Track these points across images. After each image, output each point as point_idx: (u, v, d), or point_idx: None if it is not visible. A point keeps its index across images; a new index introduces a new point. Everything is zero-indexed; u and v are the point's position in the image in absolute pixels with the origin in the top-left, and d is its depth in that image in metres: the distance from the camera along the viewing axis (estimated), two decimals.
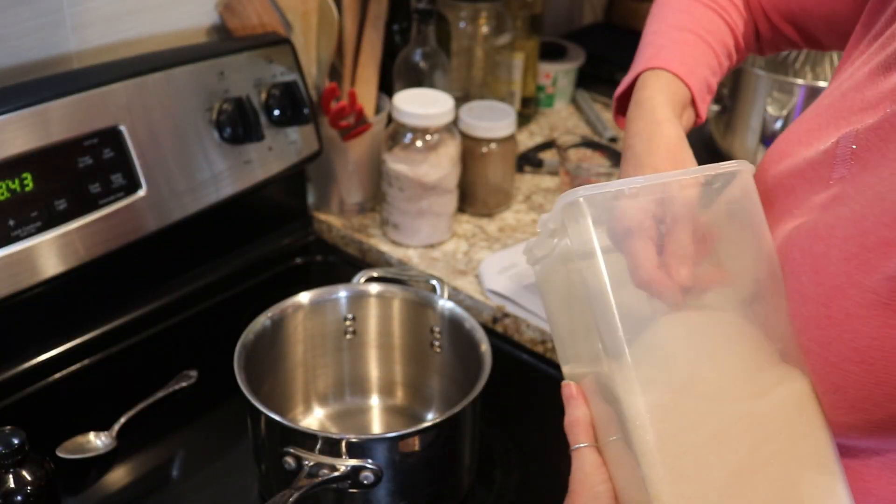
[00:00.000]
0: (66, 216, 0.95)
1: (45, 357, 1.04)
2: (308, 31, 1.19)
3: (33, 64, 1.02)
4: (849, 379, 0.58)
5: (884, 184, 0.59)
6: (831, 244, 0.60)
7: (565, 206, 0.62)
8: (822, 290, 0.60)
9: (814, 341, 0.60)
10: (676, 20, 0.88)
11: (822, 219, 0.63)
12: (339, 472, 0.82)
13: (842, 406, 0.60)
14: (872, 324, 0.57)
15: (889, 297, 0.56)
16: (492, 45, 1.41)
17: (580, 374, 0.68)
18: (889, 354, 0.56)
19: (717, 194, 0.65)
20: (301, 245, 1.29)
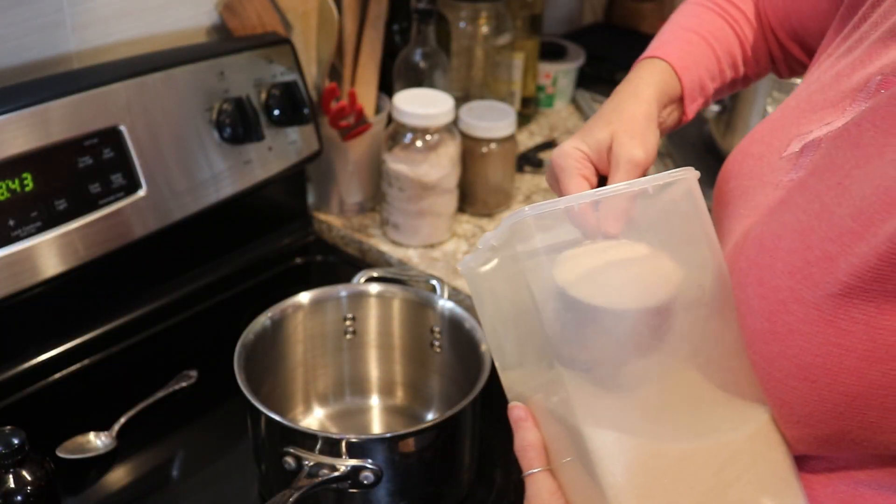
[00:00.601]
0: (66, 216, 0.95)
1: (45, 357, 1.04)
2: (308, 31, 1.19)
3: (33, 64, 1.02)
4: (794, 395, 0.58)
5: (830, 193, 0.58)
6: (776, 256, 0.59)
7: (513, 224, 0.60)
8: (767, 304, 0.59)
9: (759, 356, 0.59)
10: (685, 21, 0.88)
11: (770, 227, 0.62)
12: (339, 472, 0.82)
13: (788, 420, 0.60)
14: (815, 340, 0.56)
15: (832, 314, 0.55)
16: (492, 45, 1.41)
17: (525, 387, 0.66)
18: (832, 372, 0.55)
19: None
20: (301, 245, 1.29)
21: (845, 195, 0.56)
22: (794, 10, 0.85)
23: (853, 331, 0.54)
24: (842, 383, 0.55)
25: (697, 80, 0.84)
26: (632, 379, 0.61)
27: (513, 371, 0.67)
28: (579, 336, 0.60)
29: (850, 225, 0.55)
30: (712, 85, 0.87)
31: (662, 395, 0.61)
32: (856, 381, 0.55)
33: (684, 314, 0.63)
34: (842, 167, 0.58)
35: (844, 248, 0.55)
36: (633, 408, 0.60)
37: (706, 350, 0.62)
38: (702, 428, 0.61)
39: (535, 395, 0.64)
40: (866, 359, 0.54)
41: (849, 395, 0.55)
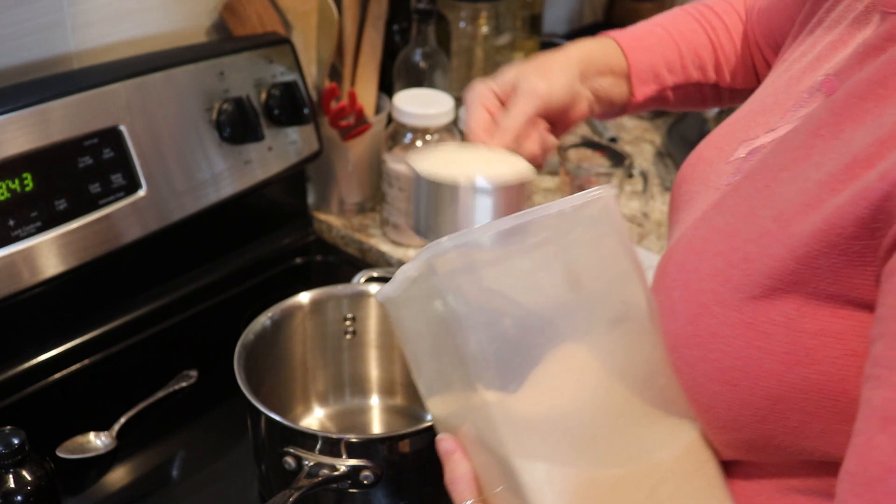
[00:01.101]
0: (66, 216, 0.95)
1: (45, 357, 1.04)
2: (308, 31, 1.19)
3: (33, 64, 1.02)
4: (717, 399, 0.57)
5: (757, 195, 0.58)
6: (703, 258, 0.59)
7: (431, 257, 0.58)
8: (690, 308, 0.58)
9: (682, 360, 0.59)
10: (658, 19, 0.89)
11: (700, 231, 0.61)
12: (339, 472, 0.82)
13: (714, 426, 0.59)
14: (736, 344, 0.55)
15: (752, 317, 0.55)
16: (492, 45, 1.41)
17: (452, 417, 0.65)
18: (753, 376, 0.55)
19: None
20: (301, 245, 1.29)
21: (771, 197, 0.56)
22: (777, 27, 0.85)
23: (772, 333, 0.54)
24: (762, 387, 0.55)
25: (649, 63, 0.84)
26: (560, 403, 0.60)
27: (438, 400, 0.66)
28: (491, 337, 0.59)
29: (770, 227, 0.55)
30: (671, 77, 0.86)
31: (592, 421, 0.60)
32: (776, 385, 0.54)
33: (607, 330, 0.62)
34: (771, 169, 0.58)
35: (763, 250, 0.55)
36: (563, 436, 0.59)
37: (633, 369, 0.61)
38: (633, 451, 0.60)
39: (463, 426, 0.63)
40: (786, 362, 0.54)
41: (770, 398, 0.55)
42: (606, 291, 0.62)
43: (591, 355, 0.61)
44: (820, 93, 0.62)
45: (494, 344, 0.58)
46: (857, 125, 0.54)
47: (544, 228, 0.60)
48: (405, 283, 0.61)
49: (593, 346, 0.61)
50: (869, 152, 0.51)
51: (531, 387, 0.59)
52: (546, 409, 0.59)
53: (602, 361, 0.61)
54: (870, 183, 0.50)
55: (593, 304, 0.62)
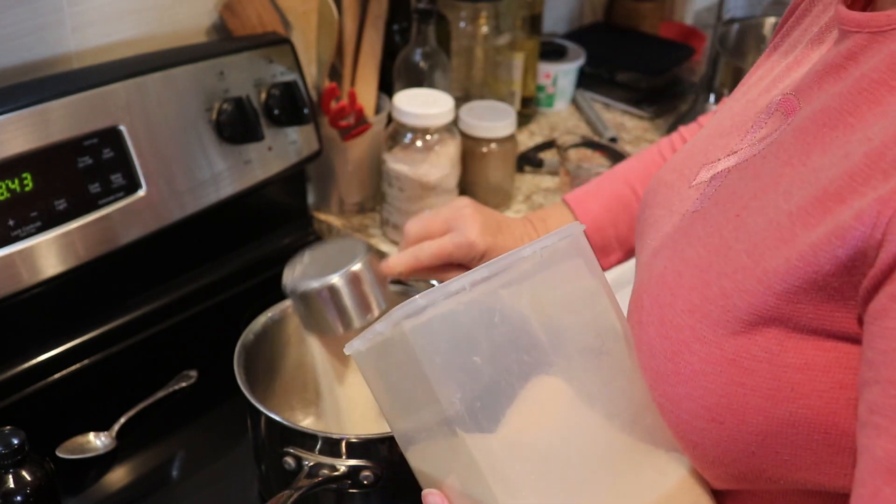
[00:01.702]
0: (66, 216, 0.95)
1: (45, 357, 1.04)
2: (308, 31, 1.19)
3: (33, 64, 1.02)
4: (703, 437, 0.57)
5: (729, 226, 0.57)
6: (677, 294, 0.58)
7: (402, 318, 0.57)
8: (669, 345, 0.57)
9: (665, 398, 0.58)
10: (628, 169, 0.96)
11: (672, 263, 0.60)
12: (339, 473, 0.82)
13: (703, 462, 0.59)
14: (719, 381, 0.55)
15: (734, 354, 0.54)
16: (492, 45, 1.41)
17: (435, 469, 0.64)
18: (739, 412, 0.54)
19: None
20: (301, 245, 1.28)
21: (742, 229, 0.56)
22: None
23: (756, 370, 0.53)
24: (749, 423, 0.54)
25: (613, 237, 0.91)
26: (544, 442, 0.59)
27: (418, 451, 0.65)
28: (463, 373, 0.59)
29: (745, 261, 0.54)
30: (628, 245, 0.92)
31: (579, 461, 0.60)
32: (763, 421, 0.54)
33: (582, 364, 0.61)
34: (741, 198, 0.57)
35: (739, 286, 0.54)
36: (552, 481, 0.58)
37: (617, 404, 0.61)
38: (624, 491, 0.60)
39: (448, 478, 0.62)
40: (771, 398, 0.53)
41: (758, 434, 0.54)
42: (578, 325, 0.62)
43: (568, 391, 0.60)
44: (778, 112, 0.61)
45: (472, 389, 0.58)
46: (824, 152, 0.53)
47: (516, 272, 0.60)
48: (375, 339, 0.61)
49: (570, 380, 0.60)
50: (839, 185, 0.51)
51: (512, 427, 0.58)
52: (529, 450, 0.59)
53: (581, 397, 0.60)
54: (845, 222, 0.49)
55: (565, 338, 0.61)
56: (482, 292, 0.59)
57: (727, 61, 1.34)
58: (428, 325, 0.57)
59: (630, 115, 1.58)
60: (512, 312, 0.60)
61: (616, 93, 1.61)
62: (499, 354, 0.59)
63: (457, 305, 0.58)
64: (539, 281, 0.61)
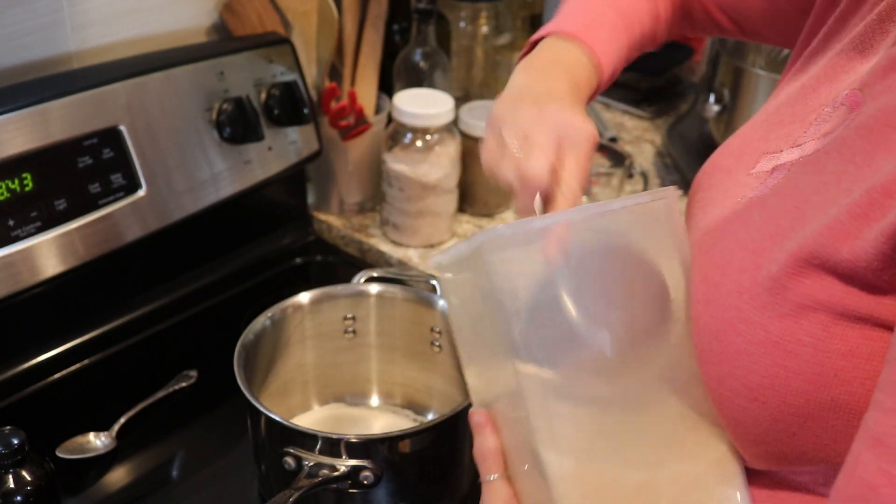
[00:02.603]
0: (66, 216, 0.95)
1: (45, 357, 1.04)
2: (308, 31, 1.19)
3: (33, 64, 1.02)
4: (746, 415, 0.57)
5: (787, 216, 0.57)
6: (727, 273, 0.58)
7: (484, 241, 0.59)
8: (715, 323, 0.58)
9: (709, 376, 0.59)
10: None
11: (723, 244, 0.61)
12: (339, 473, 0.82)
13: (745, 440, 0.59)
14: (763, 362, 0.55)
15: (780, 336, 0.54)
16: (492, 45, 1.41)
17: (487, 392, 0.65)
18: (781, 394, 0.54)
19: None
20: (301, 245, 1.29)
21: (800, 220, 0.56)
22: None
23: (800, 353, 0.54)
24: (791, 405, 0.55)
25: (615, 66, 0.81)
26: (598, 398, 0.60)
27: (476, 371, 0.67)
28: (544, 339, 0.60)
29: (797, 250, 0.54)
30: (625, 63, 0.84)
31: (626, 422, 0.60)
32: (804, 404, 0.54)
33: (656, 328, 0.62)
34: (802, 191, 0.58)
35: (790, 274, 0.54)
36: (595, 434, 0.59)
37: (673, 375, 0.62)
38: (661, 458, 0.60)
39: (498, 402, 0.63)
40: (814, 382, 0.54)
41: (800, 416, 0.55)
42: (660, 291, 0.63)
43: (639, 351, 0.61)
44: (844, 107, 0.61)
45: (534, 320, 0.59)
46: (888, 154, 0.53)
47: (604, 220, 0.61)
48: (458, 255, 0.63)
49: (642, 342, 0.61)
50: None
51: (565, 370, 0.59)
52: (575, 397, 0.59)
53: (650, 359, 0.61)
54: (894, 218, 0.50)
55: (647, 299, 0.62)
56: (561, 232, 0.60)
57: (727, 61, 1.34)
58: (504, 250, 0.59)
59: (630, 115, 1.58)
60: (588, 258, 0.61)
61: (616, 92, 1.61)
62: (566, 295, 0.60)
63: (536, 239, 0.59)
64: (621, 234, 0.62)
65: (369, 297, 1.01)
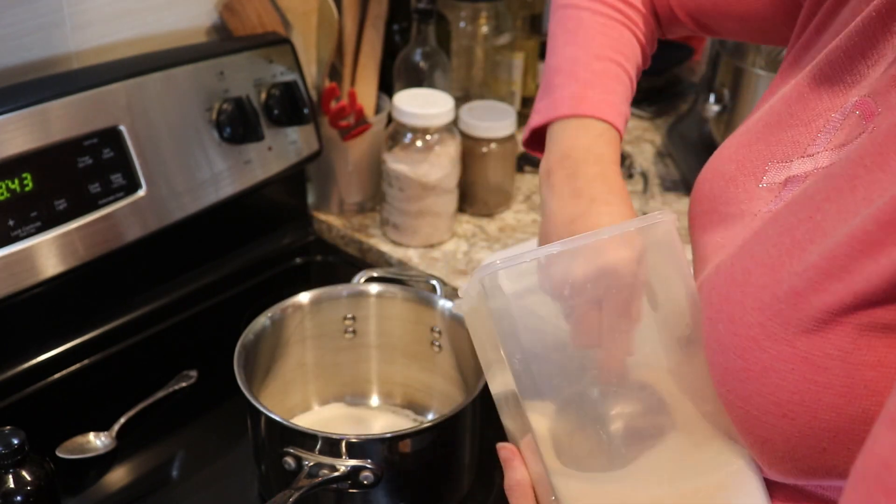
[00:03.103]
0: (66, 216, 0.95)
1: (45, 357, 1.04)
2: (308, 31, 1.19)
3: (33, 64, 1.02)
4: (774, 433, 0.56)
5: (801, 228, 0.56)
6: (747, 292, 0.58)
7: (483, 276, 0.60)
8: (739, 342, 0.57)
9: (734, 394, 0.58)
10: (597, 46, 0.81)
11: (741, 261, 0.60)
12: (339, 473, 0.82)
13: (771, 456, 0.58)
14: (791, 378, 0.54)
15: (807, 351, 0.54)
16: (492, 45, 1.40)
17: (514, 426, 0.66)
18: (812, 409, 0.54)
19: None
20: (301, 245, 1.29)
21: (816, 231, 0.55)
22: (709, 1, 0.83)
23: (829, 367, 0.53)
24: (822, 419, 0.54)
25: (625, 117, 0.81)
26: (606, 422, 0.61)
27: (505, 408, 0.68)
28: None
29: (818, 262, 0.54)
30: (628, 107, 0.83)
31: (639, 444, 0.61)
32: (835, 418, 0.54)
33: (679, 351, 0.63)
34: (813, 199, 0.57)
35: (813, 286, 0.54)
36: (607, 459, 0.60)
37: (688, 392, 0.62)
38: (675, 473, 0.60)
39: (525, 437, 0.64)
40: (845, 395, 0.53)
41: (830, 430, 0.54)
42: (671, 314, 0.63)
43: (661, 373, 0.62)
44: (856, 115, 0.60)
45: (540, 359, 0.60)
46: None
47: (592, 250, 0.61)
48: (469, 299, 0.64)
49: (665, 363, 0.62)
50: None
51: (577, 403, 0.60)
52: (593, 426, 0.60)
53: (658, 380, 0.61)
54: None
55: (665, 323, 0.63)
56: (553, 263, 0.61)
57: (727, 61, 1.34)
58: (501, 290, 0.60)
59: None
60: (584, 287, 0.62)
61: None
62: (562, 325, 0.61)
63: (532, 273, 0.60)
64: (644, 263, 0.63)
65: (369, 297, 1.01)
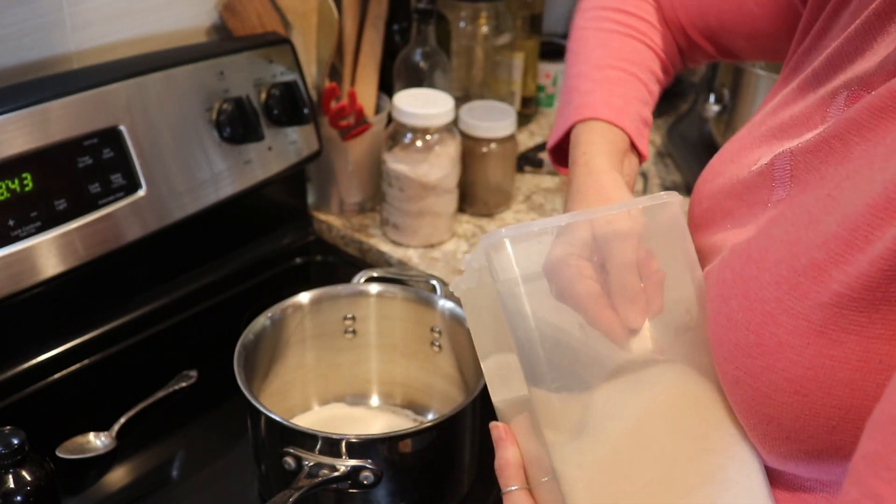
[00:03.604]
0: (66, 216, 0.95)
1: (45, 357, 1.04)
2: (308, 31, 1.19)
3: (33, 64, 1.02)
4: (782, 410, 0.56)
5: (818, 205, 0.56)
6: (763, 267, 0.58)
7: (489, 245, 0.60)
8: (753, 316, 0.57)
9: (743, 370, 0.58)
10: (597, 58, 0.84)
11: (757, 241, 0.60)
12: (339, 473, 0.82)
13: (776, 437, 0.58)
14: (806, 353, 0.54)
15: (823, 325, 0.53)
16: (492, 45, 1.41)
17: (508, 406, 0.66)
18: (825, 385, 0.54)
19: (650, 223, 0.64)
20: (301, 245, 1.29)
21: (834, 205, 0.55)
22: (713, 11, 0.83)
23: (845, 341, 0.53)
24: (835, 395, 0.54)
25: (637, 117, 0.82)
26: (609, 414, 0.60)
27: (497, 386, 0.68)
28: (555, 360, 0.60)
29: (837, 231, 0.54)
30: (648, 110, 0.85)
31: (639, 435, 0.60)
32: (849, 394, 0.53)
33: (675, 338, 0.62)
34: (831, 180, 0.57)
35: (833, 257, 0.54)
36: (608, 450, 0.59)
37: (693, 384, 0.61)
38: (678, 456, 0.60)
39: (518, 416, 0.64)
40: (860, 370, 0.53)
41: (842, 407, 0.54)
42: (675, 300, 0.63)
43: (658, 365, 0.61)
44: (843, 105, 0.60)
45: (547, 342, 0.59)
46: None
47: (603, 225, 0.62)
48: (472, 274, 0.64)
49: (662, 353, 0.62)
50: None
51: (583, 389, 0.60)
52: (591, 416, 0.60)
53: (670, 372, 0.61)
54: None
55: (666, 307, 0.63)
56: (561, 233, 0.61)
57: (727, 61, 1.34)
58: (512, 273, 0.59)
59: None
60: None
61: None
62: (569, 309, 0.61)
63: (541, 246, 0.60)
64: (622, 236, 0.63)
65: (369, 297, 1.01)
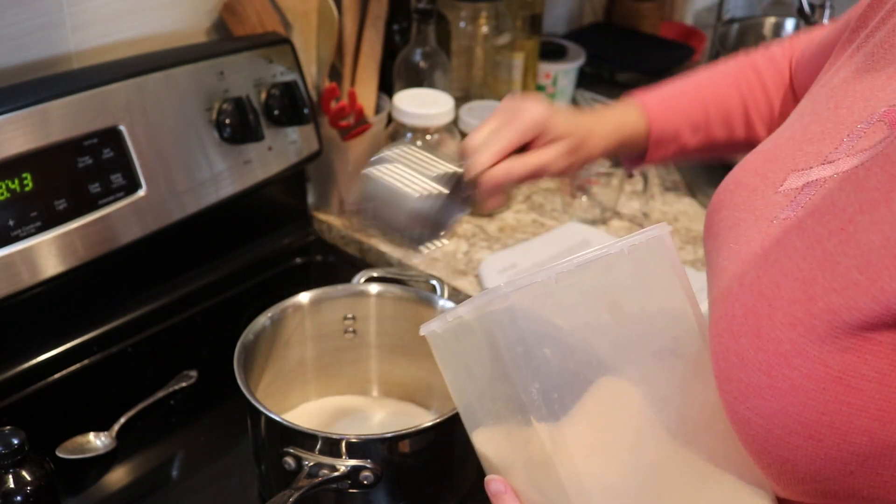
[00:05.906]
0: (66, 216, 0.95)
1: (45, 357, 1.04)
2: (308, 31, 1.19)
3: (33, 64, 1.02)
4: (797, 453, 0.54)
5: (833, 239, 0.54)
6: (776, 306, 0.55)
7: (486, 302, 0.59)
8: (765, 357, 0.55)
9: (755, 412, 0.55)
10: (697, 76, 0.91)
11: (767, 273, 0.58)
12: (339, 473, 0.82)
13: (790, 479, 0.56)
14: (821, 398, 0.52)
15: (841, 371, 0.51)
16: (492, 45, 1.41)
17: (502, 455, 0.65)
18: (842, 431, 0.52)
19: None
20: (301, 245, 1.29)
21: (850, 243, 0.53)
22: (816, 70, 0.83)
23: (864, 389, 0.51)
24: (852, 443, 0.52)
25: (672, 128, 0.84)
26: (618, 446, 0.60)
27: (485, 434, 0.66)
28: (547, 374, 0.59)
29: (857, 278, 0.52)
30: (693, 137, 0.86)
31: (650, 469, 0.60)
32: (867, 441, 0.52)
33: (654, 361, 0.61)
34: (844, 211, 0.54)
35: (851, 303, 0.51)
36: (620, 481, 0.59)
37: (692, 415, 0.60)
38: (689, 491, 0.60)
39: (514, 466, 0.62)
40: (879, 419, 0.51)
41: (860, 454, 0.52)
42: (653, 322, 0.62)
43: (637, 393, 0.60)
44: (882, 124, 0.58)
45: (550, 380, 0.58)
46: None
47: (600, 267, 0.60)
48: (454, 322, 0.62)
49: (642, 382, 0.60)
50: None
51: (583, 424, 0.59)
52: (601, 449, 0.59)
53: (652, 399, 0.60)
54: None
55: (637, 333, 0.61)
56: (564, 285, 0.59)
57: None
58: (510, 312, 0.58)
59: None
60: (590, 308, 0.61)
61: (616, 93, 1.60)
62: (577, 348, 0.60)
63: (540, 295, 0.59)
64: (616, 274, 0.61)
65: (369, 297, 1.01)
